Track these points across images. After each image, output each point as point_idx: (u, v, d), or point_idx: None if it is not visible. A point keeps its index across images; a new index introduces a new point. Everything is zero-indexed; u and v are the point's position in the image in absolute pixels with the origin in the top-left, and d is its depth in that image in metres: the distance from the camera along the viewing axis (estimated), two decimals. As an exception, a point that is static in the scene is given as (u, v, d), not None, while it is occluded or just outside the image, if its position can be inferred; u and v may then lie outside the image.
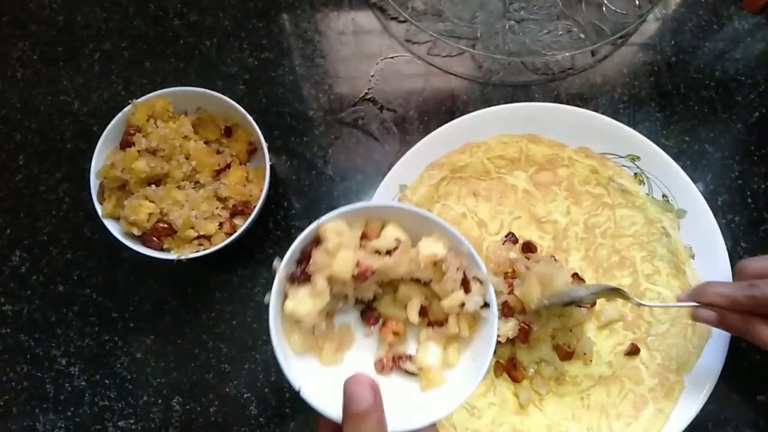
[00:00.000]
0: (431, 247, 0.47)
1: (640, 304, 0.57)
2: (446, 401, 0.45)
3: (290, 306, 0.44)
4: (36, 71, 0.73)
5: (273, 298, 0.44)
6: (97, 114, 0.71)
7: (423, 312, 0.49)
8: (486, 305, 0.47)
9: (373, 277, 0.47)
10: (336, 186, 0.68)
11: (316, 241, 0.46)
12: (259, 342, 0.64)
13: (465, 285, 0.47)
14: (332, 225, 0.45)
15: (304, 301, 0.45)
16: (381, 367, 0.48)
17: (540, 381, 0.60)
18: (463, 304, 0.47)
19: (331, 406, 0.42)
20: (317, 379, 0.45)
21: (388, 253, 0.46)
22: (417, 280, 0.49)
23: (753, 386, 0.62)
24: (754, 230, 0.66)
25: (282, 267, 0.44)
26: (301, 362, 0.47)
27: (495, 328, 0.46)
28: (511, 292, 0.59)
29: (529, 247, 0.63)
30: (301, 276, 0.45)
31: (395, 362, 0.48)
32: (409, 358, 0.48)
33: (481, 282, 0.47)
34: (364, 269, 0.45)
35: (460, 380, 0.46)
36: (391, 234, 0.47)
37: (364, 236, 0.47)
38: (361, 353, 0.49)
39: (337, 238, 0.45)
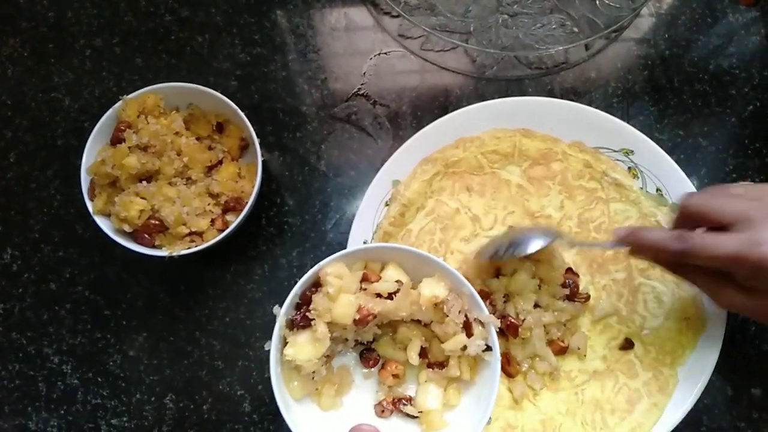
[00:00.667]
0: (433, 289, 0.47)
1: (575, 244, 0.60)
2: None
3: (290, 353, 0.44)
4: (27, 68, 0.72)
5: (275, 346, 0.43)
6: (88, 110, 0.70)
7: (423, 353, 0.49)
8: (488, 348, 0.47)
9: (374, 320, 0.46)
10: (329, 182, 0.68)
11: (316, 284, 0.45)
12: (252, 339, 0.64)
13: (467, 328, 0.47)
14: (332, 269, 0.45)
15: (305, 347, 0.44)
16: (381, 410, 0.48)
17: (534, 376, 0.60)
18: (465, 348, 0.46)
19: None
20: (317, 424, 0.45)
21: (389, 296, 0.46)
22: (417, 321, 0.48)
23: (747, 379, 0.62)
24: (748, 224, 0.65)
25: (282, 313, 0.44)
26: (301, 408, 0.46)
27: (498, 370, 0.46)
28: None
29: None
30: (300, 321, 0.45)
31: (395, 405, 0.48)
32: (409, 400, 0.48)
33: (483, 325, 0.47)
34: (365, 314, 0.45)
35: (464, 422, 0.46)
36: (392, 275, 0.47)
37: (364, 278, 0.47)
38: (361, 395, 0.49)
39: (338, 282, 0.45)
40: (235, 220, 0.59)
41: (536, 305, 0.60)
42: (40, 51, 0.73)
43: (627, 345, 0.61)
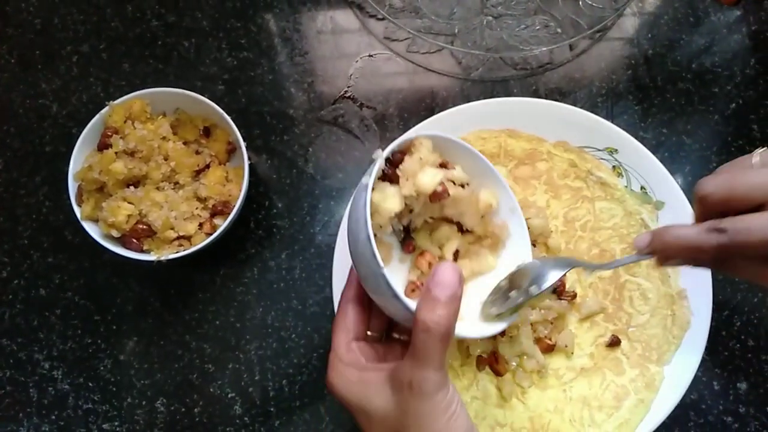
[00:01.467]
0: (490, 198, 0.50)
1: (595, 267, 0.58)
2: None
3: (377, 198, 0.45)
4: (14, 75, 0.73)
5: (371, 182, 0.44)
6: (76, 116, 0.70)
7: (455, 256, 0.52)
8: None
9: (439, 205, 0.49)
10: (317, 184, 0.69)
11: (403, 152, 0.47)
12: (243, 341, 0.64)
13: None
14: (426, 142, 0.47)
15: (390, 198, 0.46)
16: (412, 288, 0.50)
17: (522, 374, 0.61)
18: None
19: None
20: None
21: (461, 186, 0.49)
22: (461, 225, 0.51)
23: (734, 375, 0.62)
24: (732, 220, 0.66)
25: (384, 156, 0.45)
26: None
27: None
28: None
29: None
30: (390, 176, 0.46)
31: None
32: None
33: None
34: (443, 190, 0.47)
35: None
36: (462, 174, 0.49)
37: (442, 165, 0.49)
38: (394, 274, 0.51)
39: (428, 154, 0.47)
40: (222, 224, 0.60)
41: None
42: (27, 57, 0.73)
43: (614, 342, 0.62)
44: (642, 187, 0.64)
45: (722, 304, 0.63)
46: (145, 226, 0.58)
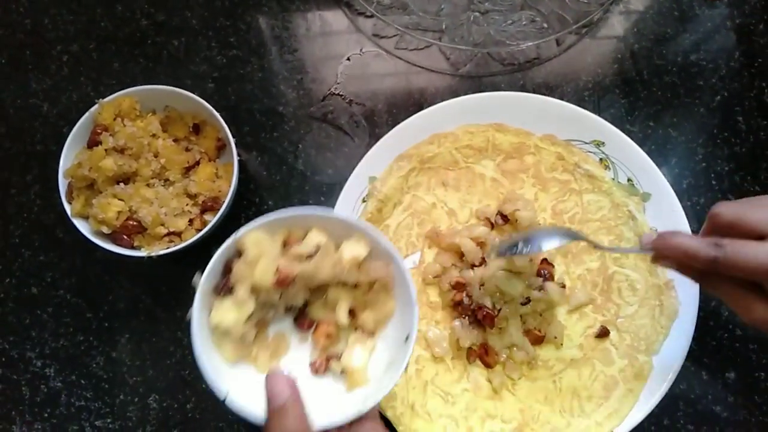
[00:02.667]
0: (353, 250, 0.48)
1: (598, 247, 0.59)
2: (365, 400, 0.47)
3: (215, 317, 0.46)
4: (4, 75, 0.73)
5: (196, 312, 0.45)
6: (66, 116, 0.71)
7: (353, 314, 0.51)
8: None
9: (299, 283, 0.48)
10: (307, 180, 0.69)
11: (239, 253, 0.47)
12: (234, 337, 0.65)
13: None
14: (252, 236, 0.47)
15: (229, 312, 0.46)
16: (315, 369, 0.50)
17: (512, 366, 0.61)
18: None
19: (262, 410, 0.44)
20: (255, 387, 0.46)
21: (309, 258, 0.47)
22: (345, 284, 0.50)
23: (722, 364, 0.63)
24: (719, 212, 0.67)
25: (202, 280, 0.45)
26: (237, 371, 0.48)
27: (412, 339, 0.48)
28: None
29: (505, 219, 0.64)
30: (224, 288, 0.47)
31: (328, 362, 0.50)
32: (339, 357, 0.50)
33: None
34: (284, 275, 0.46)
35: (380, 384, 0.48)
36: (313, 240, 0.48)
37: (285, 244, 0.49)
38: (299, 357, 0.51)
39: (256, 249, 0.47)
40: (212, 219, 0.60)
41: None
42: (17, 57, 0.73)
43: (603, 333, 0.62)
44: (629, 179, 0.65)
45: (709, 294, 0.64)
46: (135, 223, 0.59)
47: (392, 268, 0.49)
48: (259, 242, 0.47)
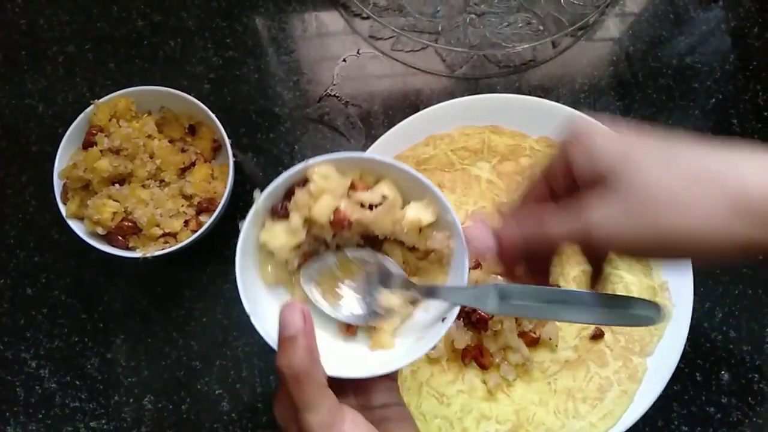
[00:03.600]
0: (418, 212, 0.46)
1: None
2: (384, 364, 0.45)
3: (263, 237, 0.45)
4: (0, 75, 0.73)
5: (247, 225, 0.44)
6: (62, 116, 0.70)
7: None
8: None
9: (355, 229, 0.47)
10: (303, 182, 0.69)
11: (304, 181, 0.45)
12: (230, 338, 0.65)
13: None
14: (321, 168, 0.45)
15: (279, 235, 0.45)
16: None
17: (507, 368, 0.61)
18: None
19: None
20: None
21: (371, 207, 0.46)
22: (402, 243, 0.49)
23: (715, 365, 0.63)
24: (713, 214, 0.67)
25: (262, 198, 0.44)
26: (273, 295, 0.47)
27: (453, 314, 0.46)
28: None
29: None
30: (281, 211, 0.45)
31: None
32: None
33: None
34: (341, 217, 0.45)
35: (404, 353, 0.47)
36: (382, 190, 0.46)
37: (353, 186, 0.47)
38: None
39: (323, 183, 0.45)
40: (208, 221, 0.60)
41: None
42: (12, 58, 0.73)
43: (597, 334, 0.62)
44: (624, 182, 0.65)
45: (703, 296, 0.64)
46: (130, 224, 0.59)
47: (454, 243, 0.46)
48: (327, 177, 0.45)
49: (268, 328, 0.43)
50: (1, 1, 0.75)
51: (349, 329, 0.49)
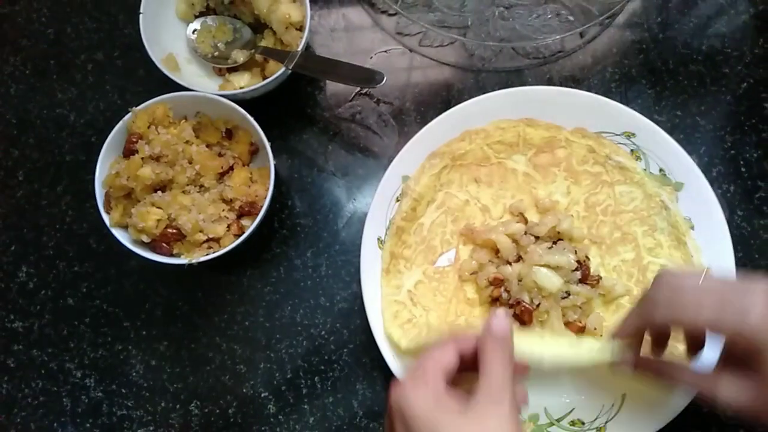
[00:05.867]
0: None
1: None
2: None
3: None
4: (29, 86, 0.73)
5: None
6: (94, 125, 0.71)
7: None
8: None
9: None
10: (338, 181, 0.69)
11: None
12: (273, 341, 0.65)
13: None
14: None
15: None
16: None
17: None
18: None
19: None
20: None
21: None
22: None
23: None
24: (749, 198, 0.67)
25: None
26: None
27: None
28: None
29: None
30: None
31: None
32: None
33: None
34: None
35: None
36: None
37: None
38: None
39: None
40: (251, 224, 0.60)
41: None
42: (41, 68, 0.73)
43: (641, 324, 0.62)
44: (661, 170, 0.65)
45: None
46: (174, 230, 0.59)
47: None
48: None
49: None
50: (28, 12, 0.75)
51: None
